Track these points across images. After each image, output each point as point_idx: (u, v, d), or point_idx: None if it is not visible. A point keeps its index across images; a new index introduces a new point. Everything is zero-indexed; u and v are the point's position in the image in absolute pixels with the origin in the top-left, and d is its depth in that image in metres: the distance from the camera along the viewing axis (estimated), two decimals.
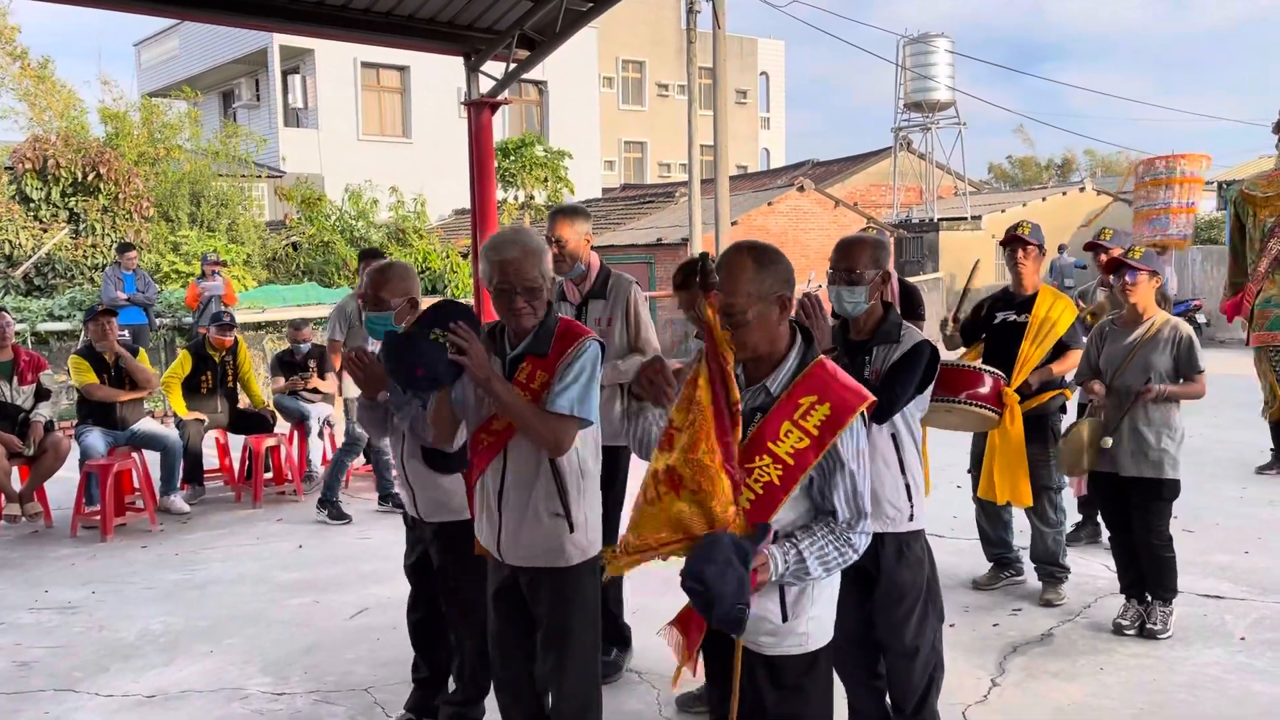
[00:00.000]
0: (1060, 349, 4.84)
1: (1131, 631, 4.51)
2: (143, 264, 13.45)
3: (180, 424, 7.70)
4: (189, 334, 12.28)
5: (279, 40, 25.25)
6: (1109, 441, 4.42)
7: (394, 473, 6.81)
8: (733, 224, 17.53)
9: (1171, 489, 4.48)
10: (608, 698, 3.39)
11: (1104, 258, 5.34)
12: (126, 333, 11.45)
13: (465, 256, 15.87)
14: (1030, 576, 5.19)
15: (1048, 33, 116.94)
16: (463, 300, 5.17)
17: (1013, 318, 4.90)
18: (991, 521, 5.26)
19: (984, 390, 4.24)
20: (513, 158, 17.52)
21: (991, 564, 5.31)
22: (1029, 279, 4.93)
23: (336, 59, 25.47)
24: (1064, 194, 27.35)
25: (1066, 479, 5.05)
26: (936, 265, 23.25)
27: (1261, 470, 7.71)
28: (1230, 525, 6.29)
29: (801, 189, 21.06)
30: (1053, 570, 5.04)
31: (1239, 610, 4.84)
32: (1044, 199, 26.82)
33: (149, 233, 15.56)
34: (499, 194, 16.65)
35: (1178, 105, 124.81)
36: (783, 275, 2.34)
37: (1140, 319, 4.56)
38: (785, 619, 2.33)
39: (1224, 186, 23.00)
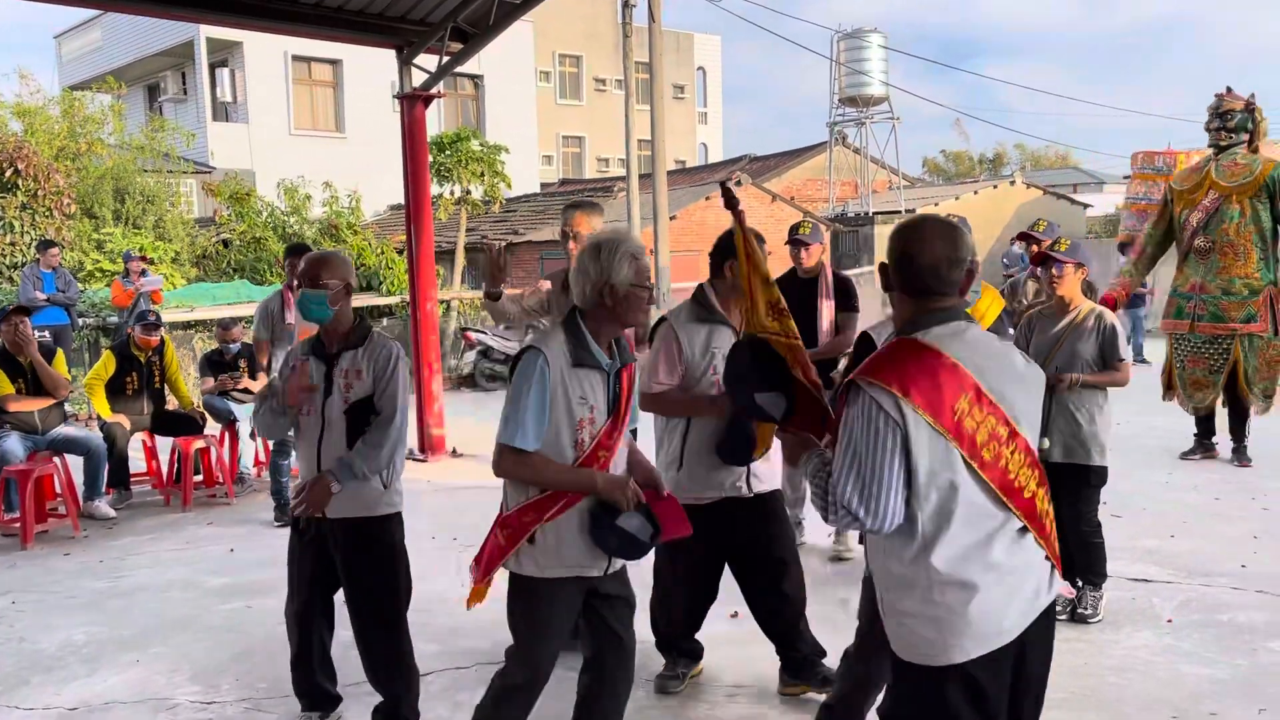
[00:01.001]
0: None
1: (1063, 617, 4.55)
2: (65, 262, 13.03)
3: (104, 426, 7.47)
4: (115, 334, 11.93)
5: (206, 32, 24.66)
6: (1046, 443, 4.46)
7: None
8: (671, 218, 17.55)
9: (1099, 475, 4.55)
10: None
11: (1035, 249, 5.45)
12: (47, 333, 11.10)
13: (400, 253, 15.66)
14: None
15: (977, 29, 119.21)
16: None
17: None
18: None
19: None
20: (448, 152, 17.29)
21: None
22: None
23: (266, 52, 24.95)
24: (995, 187, 27.85)
25: None
26: (872, 258, 23.52)
27: (1185, 456, 7.92)
28: (1157, 510, 6.44)
29: (739, 183, 21.15)
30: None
31: (1166, 593, 4.96)
32: (975, 192, 27.28)
33: (71, 230, 15.08)
34: (435, 189, 16.44)
35: (1102, 100, 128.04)
36: None
37: (1067, 309, 4.66)
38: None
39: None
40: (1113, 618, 4.64)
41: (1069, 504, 4.51)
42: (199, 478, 7.85)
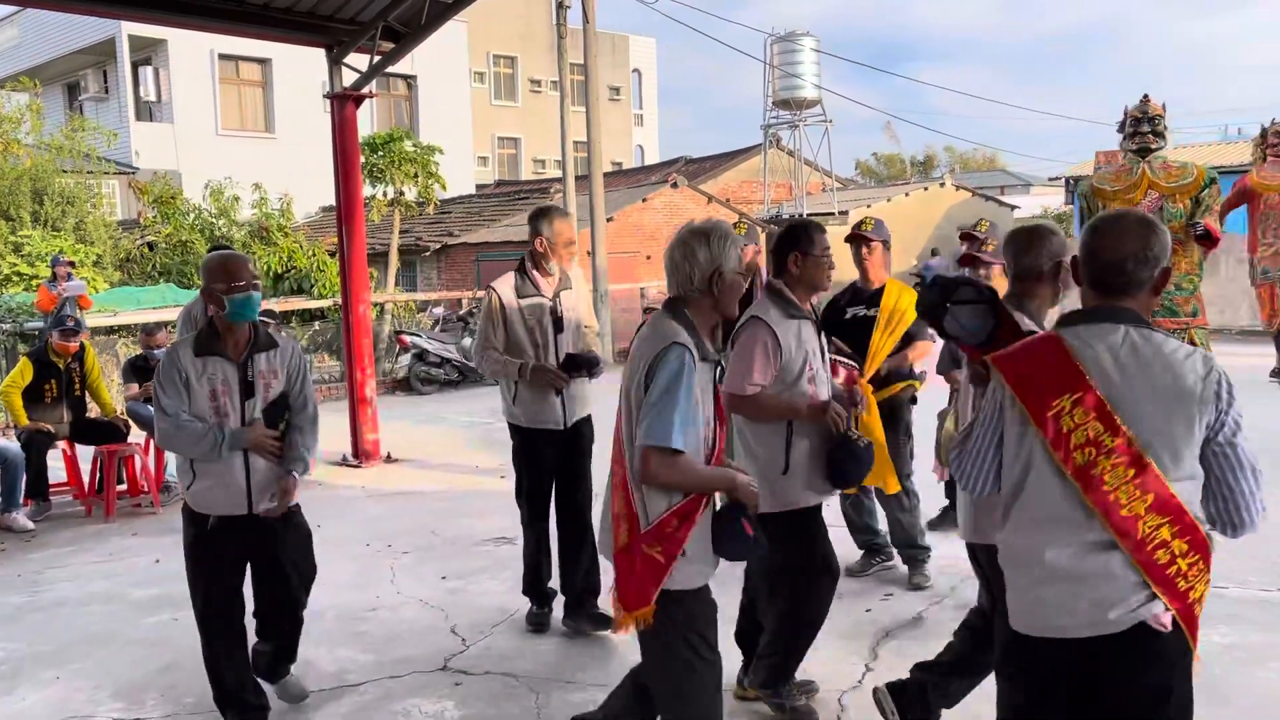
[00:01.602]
0: (908, 339, 4.99)
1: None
2: None
3: (22, 435, 7.21)
4: (34, 340, 11.54)
5: (128, 30, 24.04)
6: None
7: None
8: (608, 220, 17.52)
9: None
10: None
11: (965, 247, 5.50)
12: None
13: (333, 255, 15.41)
14: (900, 560, 5.32)
15: (908, 33, 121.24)
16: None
17: (863, 312, 5.01)
18: (857, 509, 5.39)
19: (837, 381, 4.30)
20: (381, 153, 17.05)
21: (863, 551, 5.42)
22: (875, 273, 5.06)
23: (191, 50, 24.39)
24: (925, 189, 28.34)
25: (932, 468, 5.16)
26: None
27: None
28: None
29: (675, 185, 21.22)
30: (914, 553, 5.20)
31: None
32: (907, 194, 27.72)
33: None
34: (367, 190, 16.21)
35: (1027, 104, 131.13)
36: None
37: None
38: None
39: (1071, 182, 24.18)
40: None
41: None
42: (123, 487, 7.62)
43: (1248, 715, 3.65)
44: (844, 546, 5.51)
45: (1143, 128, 7.82)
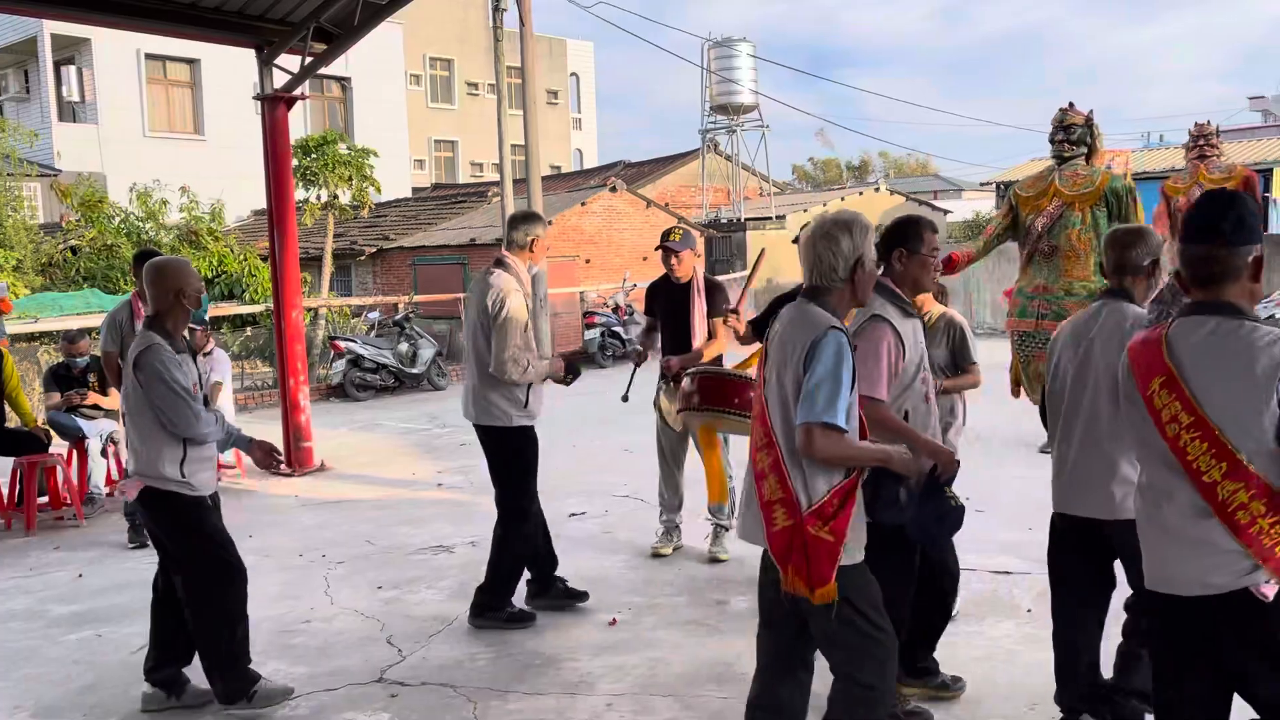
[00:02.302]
0: None
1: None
2: None
3: None
4: None
5: (50, 28, 23.39)
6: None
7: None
8: (547, 223, 17.47)
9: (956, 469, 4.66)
10: None
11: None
12: None
13: (264, 259, 15.13)
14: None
15: (840, 40, 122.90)
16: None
17: None
18: None
19: (753, 396, 4.33)
20: (314, 155, 16.78)
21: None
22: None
23: (116, 49, 23.79)
24: (860, 194, 28.72)
25: None
26: (745, 263, 23.94)
27: (1044, 450, 8.27)
28: (1016, 504, 6.70)
29: (614, 189, 21.22)
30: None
31: (1025, 584, 5.16)
32: (843, 199, 28.07)
33: None
34: (300, 193, 15.94)
35: (959, 110, 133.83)
36: None
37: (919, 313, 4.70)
38: None
39: (1002, 187, 24.72)
40: (976, 609, 4.80)
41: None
42: (44, 500, 7.37)
43: None
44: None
45: (1058, 136, 8.06)
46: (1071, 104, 8.12)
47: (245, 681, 3.94)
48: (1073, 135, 7.96)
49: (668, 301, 5.84)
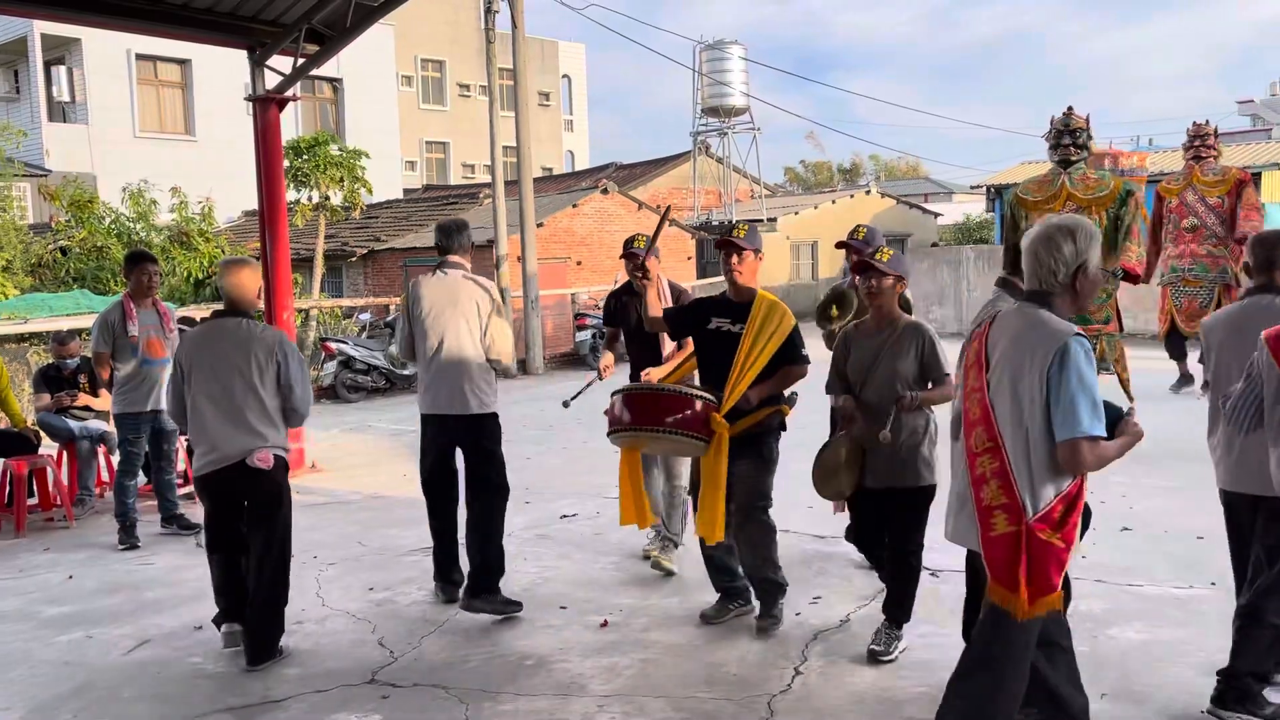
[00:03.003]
0: (778, 361, 4.46)
1: (890, 658, 4.24)
2: None
3: None
4: None
5: (40, 28, 23.31)
6: (887, 436, 4.00)
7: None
8: (539, 225, 17.47)
9: (927, 495, 4.25)
10: None
11: (855, 257, 4.86)
12: None
13: (255, 259, 15.11)
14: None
15: (831, 42, 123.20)
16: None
17: (727, 326, 4.50)
18: (716, 546, 4.67)
19: (691, 413, 4.16)
20: (306, 157, 16.76)
21: (719, 594, 4.85)
22: (746, 285, 4.54)
23: (107, 50, 23.72)
24: (851, 196, 28.83)
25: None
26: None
27: None
28: None
29: (606, 191, 21.25)
30: (765, 589, 4.64)
31: None
32: (834, 201, 28.16)
33: None
34: (292, 194, 15.92)
35: (948, 114, 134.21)
36: None
37: (884, 324, 4.27)
38: None
39: (992, 190, 24.80)
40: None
41: (895, 527, 4.28)
42: (34, 500, 7.35)
43: (1162, 713, 3.76)
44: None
45: (1064, 140, 8.05)
46: (1070, 108, 8.14)
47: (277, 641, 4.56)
48: (1079, 139, 8.02)
49: (633, 311, 5.47)
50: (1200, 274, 10.28)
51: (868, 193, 29.32)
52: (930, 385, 4.21)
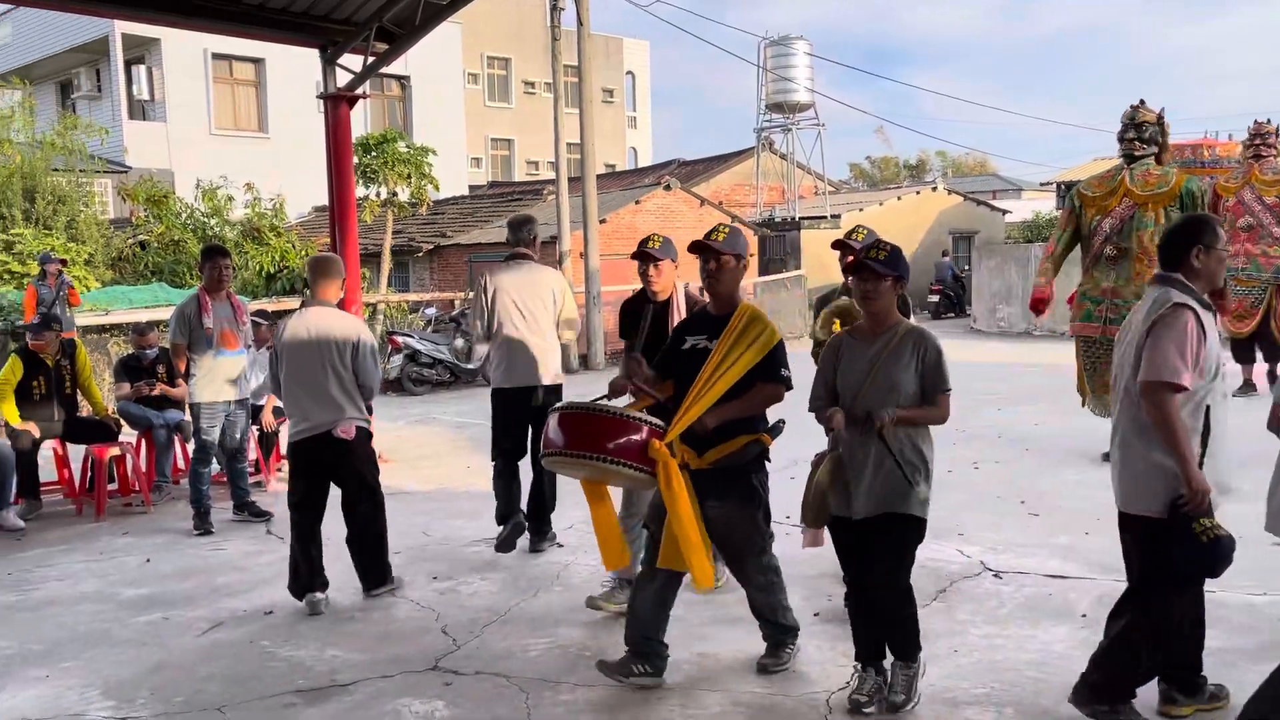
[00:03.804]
0: (750, 381, 3.92)
1: (871, 710, 3.74)
2: None
3: (12, 434, 7.20)
4: (24, 337, 11.53)
5: (121, 28, 24.00)
6: (891, 414, 3.58)
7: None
8: (601, 222, 17.54)
9: (918, 530, 3.72)
10: None
11: (850, 258, 4.35)
12: None
13: (339, 256, 15.42)
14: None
15: (899, 37, 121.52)
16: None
17: (703, 343, 3.99)
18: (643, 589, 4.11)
19: (634, 440, 3.74)
20: (374, 153, 17.03)
21: (628, 650, 4.12)
22: (726, 293, 4.05)
23: (185, 49, 24.35)
24: (918, 193, 28.42)
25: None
26: (799, 263, 23.83)
27: (1107, 457, 7.99)
28: (1072, 508, 6.61)
29: (668, 188, 21.24)
30: (773, 631, 4.22)
31: (1081, 589, 5.09)
32: (899, 198, 27.81)
33: None
34: (360, 190, 16.19)
35: (1018, 109, 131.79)
36: None
37: (881, 330, 3.75)
38: None
39: (1062, 187, 24.31)
40: (1030, 614, 4.76)
41: (878, 563, 3.73)
42: (114, 486, 7.61)
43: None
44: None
45: (1129, 134, 7.80)
46: (1142, 101, 7.88)
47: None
48: (1144, 133, 7.72)
49: (644, 322, 4.95)
50: (1254, 273, 10.09)
51: (934, 189, 28.90)
52: (925, 403, 3.69)
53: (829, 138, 30.52)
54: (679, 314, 4.79)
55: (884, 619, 3.78)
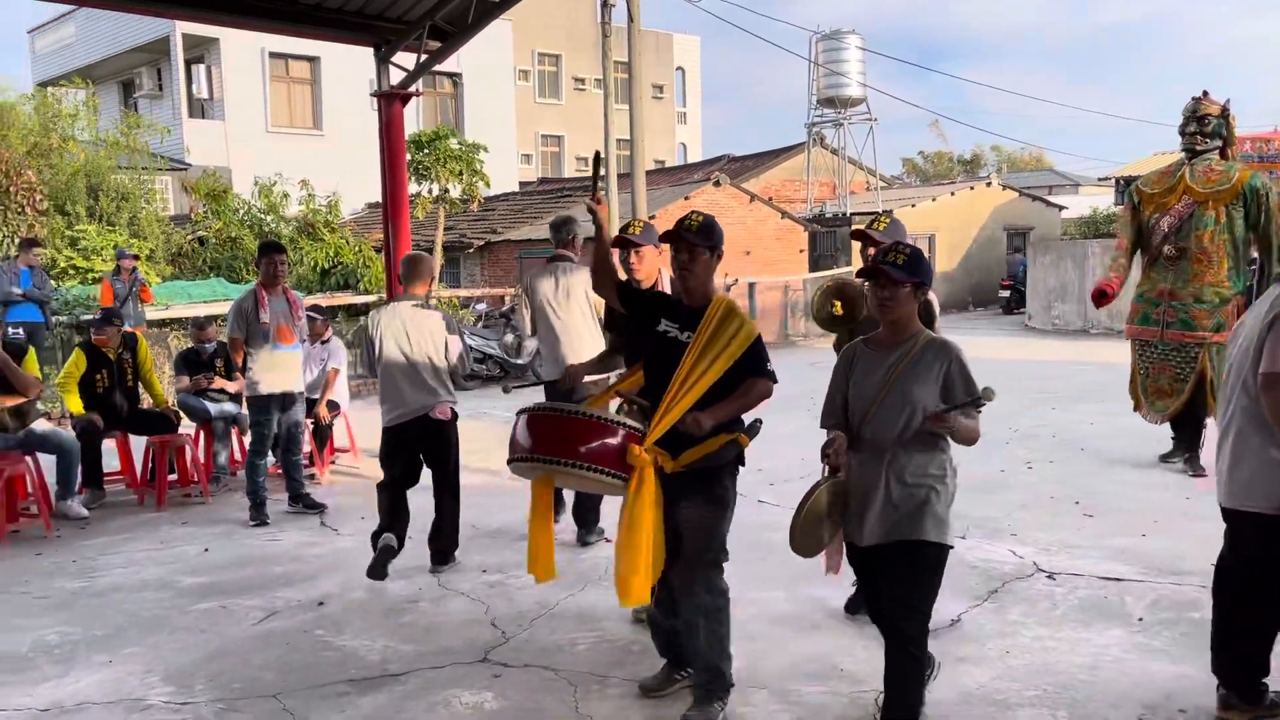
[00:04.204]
0: (734, 378, 3.63)
1: None
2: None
3: (77, 425, 7.40)
4: (89, 331, 11.84)
5: (182, 28, 24.49)
6: (992, 393, 3.20)
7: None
8: (651, 218, 17.56)
9: (938, 556, 3.34)
10: None
11: (871, 250, 4.10)
12: (21, 330, 11.00)
13: (378, 251, 15.61)
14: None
15: (953, 31, 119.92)
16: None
17: (675, 333, 3.72)
18: (665, 607, 3.92)
19: (610, 444, 3.49)
20: (426, 150, 17.24)
21: (665, 661, 4.07)
22: (700, 286, 3.73)
23: (243, 48, 24.80)
24: (971, 188, 28.05)
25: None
26: (850, 259, 23.65)
27: (1165, 458, 7.80)
28: (1129, 510, 6.50)
29: (718, 183, 21.20)
30: (708, 679, 3.72)
31: (1137, 591, 5.01)
32: (953, 194, 27.46)
33: (44, 227, 14.95)
34: (413, 187, 16.38)
35: (1077, 103, 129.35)
36: None
37: (900, 339, 3.38)
38: None
39: (1121, 182, 23.82)
40: (1084, 616, 4.69)
41: (896, 596, 3.36)
42: (174, 477, 7.79)
43: None
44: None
45: (1190, 128, 7.48)
46: (1205, 93, 7.55)
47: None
48: (1206, 127, 7.39)
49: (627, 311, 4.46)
50: None
51: (988, 184, 28.49)
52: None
53: (881, 132, 30.30)
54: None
55: (894, 653, 3.41)
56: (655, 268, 4.84)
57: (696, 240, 3.68)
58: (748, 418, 3.80)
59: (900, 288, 3.29)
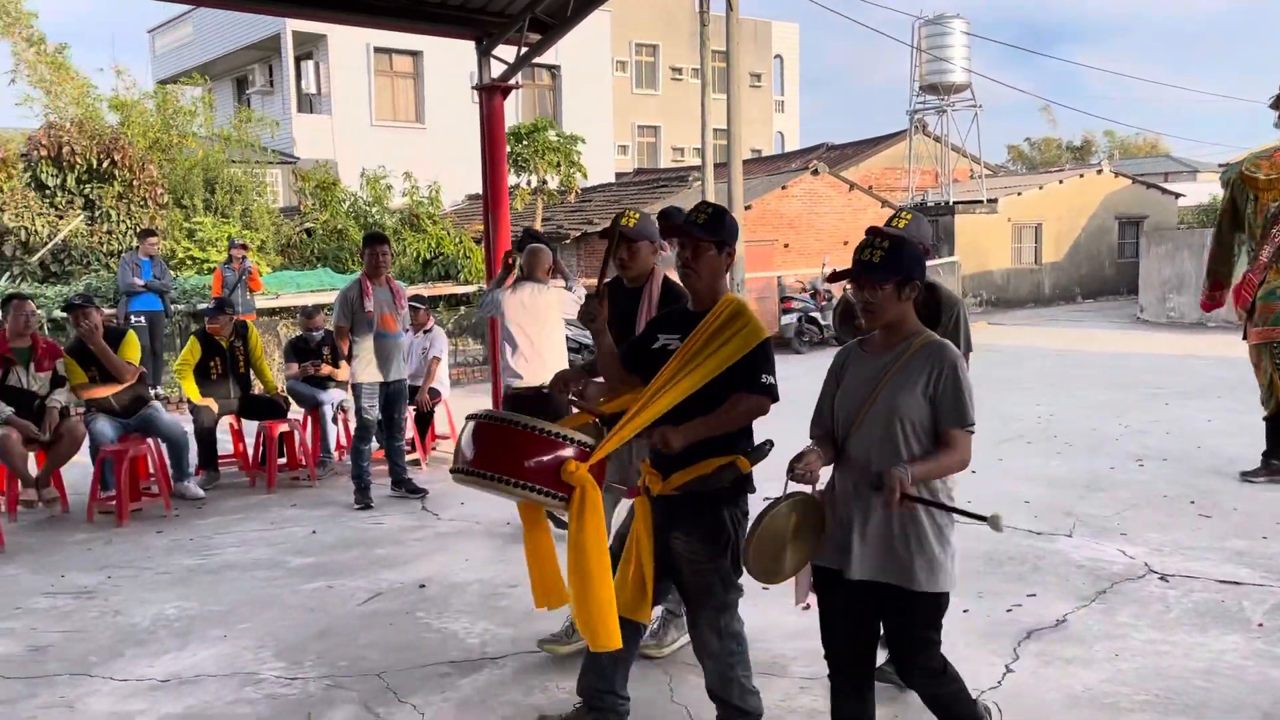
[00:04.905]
0: (723, 389, 3.19)
1: None
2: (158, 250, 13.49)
3: (194, 409, 7.73)
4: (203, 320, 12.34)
5: (291, 26, 25.24)
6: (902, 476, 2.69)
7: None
8: (747, 208, 17.46)
9: (932, 607, 2.92)
10: None
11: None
12: (143, 319, 11.53)
13: (478, 242, 15.88)
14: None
15: (1062, 13, 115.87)
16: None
17: (674, 344, 3.29)
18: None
19: (555, 459, 3.04)
20: (525, 142, 17.47)
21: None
22: (705, 287, 3.31)
23: (349, 44, 25.44)
24: (1081, 176, 27.12)
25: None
26: (952, 249, 23.11)
27: (1246, 476, 7.05)
28: (1249, 511, 6.23)
29: (816, 172, 20.95)
30: (726, 715, 3.39)
31: (1257, 596, 4.80)
32: (1060, 181, 26.60)
33: (163, 219, 15.63)
34: (511, 179, 16.61)
35: (1194, 85, 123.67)
36: None
37: (894, 341, 2.94)
38: None
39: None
40: (1200, 620, 4.51)
41: (900, 639, 2.99)
42: (283, 461, 8.07)
43: None
44: (989, 543, 5.35)
45: None
46: None
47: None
48: None
49: (615, 312, 4.13)
50: None
51: (1099, 171, 27.50)
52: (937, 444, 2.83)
53: (986, 119, 29.48)
54: (650, 306, 4.20)
55: (928, 701, 3.06)
56: (649, 265, 4.27)
57: (702, 234, 3.26)
58: (759, 436, 3.32)
59: (879, 289, 2.84)
